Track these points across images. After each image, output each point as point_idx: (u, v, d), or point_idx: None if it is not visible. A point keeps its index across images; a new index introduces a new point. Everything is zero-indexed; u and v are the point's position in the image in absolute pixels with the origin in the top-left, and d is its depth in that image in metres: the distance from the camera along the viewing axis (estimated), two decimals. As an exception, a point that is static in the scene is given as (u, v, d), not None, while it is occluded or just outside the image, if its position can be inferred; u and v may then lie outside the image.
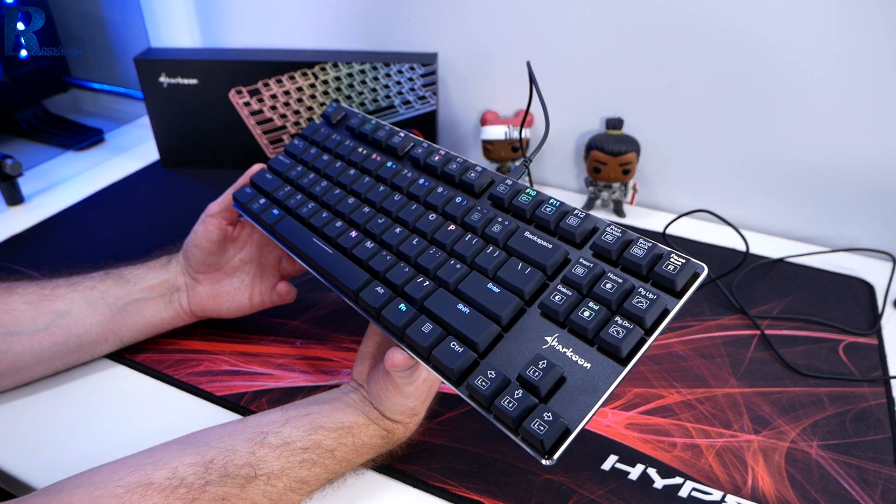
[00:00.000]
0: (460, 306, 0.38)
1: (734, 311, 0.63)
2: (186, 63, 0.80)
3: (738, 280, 0.67)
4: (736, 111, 0.72)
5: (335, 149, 0.52)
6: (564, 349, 0.34)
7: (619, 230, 0.37)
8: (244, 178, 0.55)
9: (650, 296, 0.33)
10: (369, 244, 0.44)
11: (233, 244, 0.55)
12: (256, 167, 0.55)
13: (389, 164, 0.49)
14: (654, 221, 0.77)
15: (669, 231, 0.74)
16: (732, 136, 0.74)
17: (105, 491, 0.34)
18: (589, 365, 0.33)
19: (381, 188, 0.47)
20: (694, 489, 0.45)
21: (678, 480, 0.46)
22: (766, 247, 0.73)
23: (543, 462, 0.32)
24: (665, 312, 0.33)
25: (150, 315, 0.54)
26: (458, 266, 0.40)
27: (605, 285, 0.35)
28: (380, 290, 0.41)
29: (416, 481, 0.45)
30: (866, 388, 0.54)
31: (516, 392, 0.33)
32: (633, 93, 0.76)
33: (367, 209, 0.46)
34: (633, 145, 0.75)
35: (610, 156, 0.74)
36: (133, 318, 0.53)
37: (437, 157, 0.47)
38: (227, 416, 0.50)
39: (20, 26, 0.86)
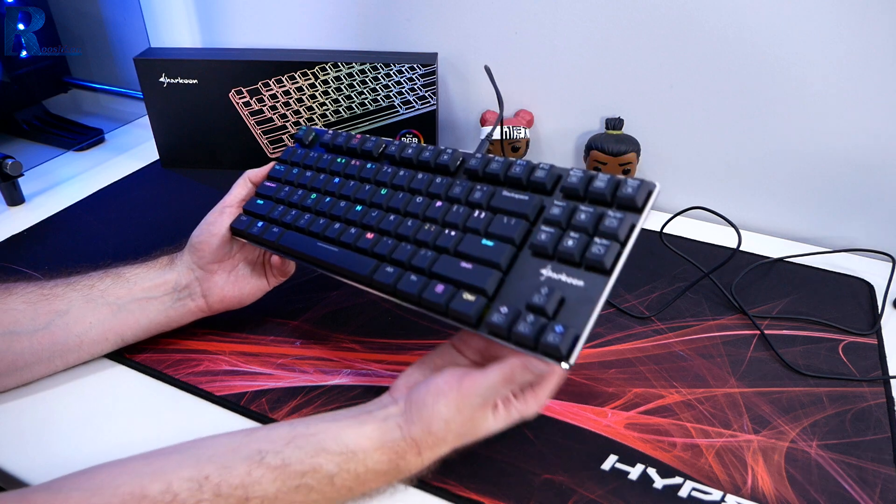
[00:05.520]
0: (463, 264, 0.43)
1: (734, 311, 0.63)
2: (186, 63, 0.81)
3: (738, 280, 0.67)
4: (736, 111, 0.72)
5: (315, 164, 0.57)
6: (558, 276, 0.40)
7: (581, 171, 0.43)
8: (265, 170, 0.58)
9: (618, 215, 0.40)
10: (370, 235, 0.49)
11: None
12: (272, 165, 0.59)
13: (369, 165, 0.53)
14: (653, 221, 0.77)
15: (667, 230, 0.74)
16: (732, 136, 0.74)
17: (100, 499, 0.35)
18: (582, 283, 0.40)
19: (367, 187, 0.52)
20: (694, 489, 0.45)
21: (678, 480, 0.46)
22: (766, 247, 0.73)
23: (563, 366, 0.37)
24: (632, 227, 0.40)
25: (154, 314, 0.54)
26: (453, 233, 0.45)
27: (580, 217, 0.41)
28: (389, 269, 0.46)
29: (416, 481, 0.45)
30: (866, 388, 0.54)
31: (528, 317, 0.39)
32: (633, 93, 0.76)
33: (359, 208, 0.51)
34: (633, 145, 0.75)
35: (610, 156, 0.74)
36: (135, 316, 0.53)
37: (410, 151, 0.52)
38: (226, 415, 0.50)
39: (20, 26, 0.86)
